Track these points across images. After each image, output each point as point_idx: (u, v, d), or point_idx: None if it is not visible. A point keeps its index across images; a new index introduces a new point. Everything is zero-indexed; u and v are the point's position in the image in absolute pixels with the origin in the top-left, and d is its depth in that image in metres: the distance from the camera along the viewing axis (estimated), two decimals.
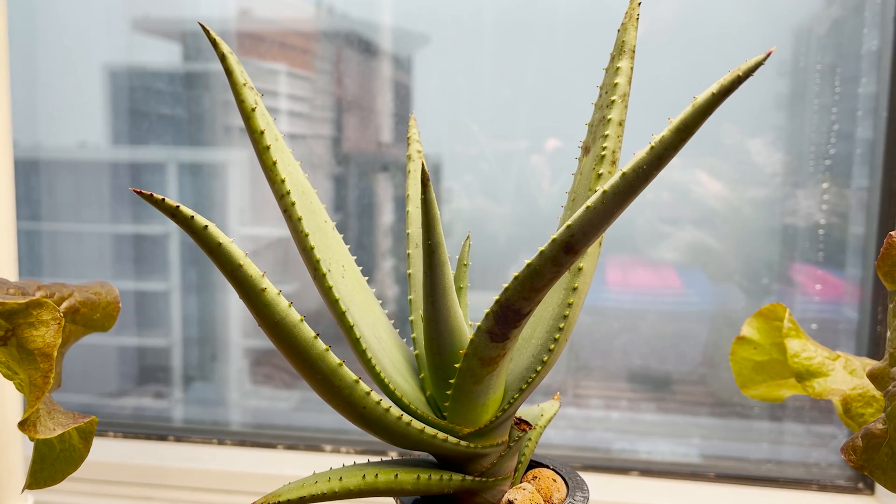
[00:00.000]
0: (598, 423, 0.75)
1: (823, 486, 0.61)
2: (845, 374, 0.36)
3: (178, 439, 0.67)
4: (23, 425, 0.23)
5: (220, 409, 0.83)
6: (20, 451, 0.54)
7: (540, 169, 0.79)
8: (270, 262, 0.90)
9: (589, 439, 0.74)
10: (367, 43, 0.83)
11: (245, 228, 0.88)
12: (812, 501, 0.59)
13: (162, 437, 0.67)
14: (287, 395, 0.84)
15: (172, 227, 0.89)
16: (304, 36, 0.86)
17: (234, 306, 0.87)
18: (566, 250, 0.25)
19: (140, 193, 0.26)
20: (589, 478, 0.62)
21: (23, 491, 0.26)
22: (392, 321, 0.33)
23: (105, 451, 0.65)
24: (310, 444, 0.66)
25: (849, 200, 0.66)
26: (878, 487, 0.59)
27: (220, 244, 0.25)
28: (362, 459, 0.60)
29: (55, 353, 0.24)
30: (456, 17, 0.80)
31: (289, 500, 0.27)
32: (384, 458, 0.30)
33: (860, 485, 0.60)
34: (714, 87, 0.24)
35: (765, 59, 0.23)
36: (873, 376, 0.29)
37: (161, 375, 0.85)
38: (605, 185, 0.24)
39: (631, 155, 0.25)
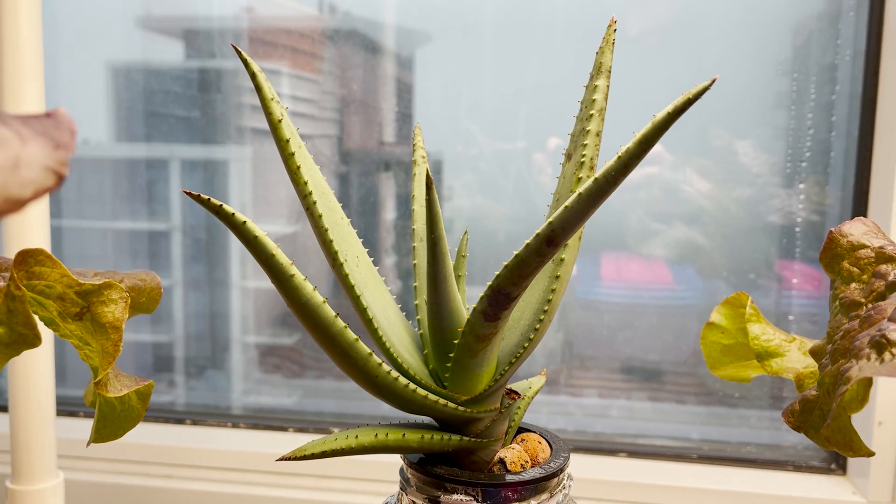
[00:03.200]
0: (591, 409, 0.80)
1: (798, 467, 0.66)
2: (799, 355, 0.41)
3: (195, 422, 0.72)
4: (97, 385, 0.29)
5: (232, 395, 0.89)
6: (53, 433, 0.59)
7: (537, 169, 0.84)
8: None
9: (581, 424, 0.79)
10: (370, 41, 0.87)
11: None
12: (788, 481, 0.65)
13: (179, 421, 0.73)
14: (296, 384, 0.89)
15: (175, 223, 0.94)
16: (306, 35, 0.90)
17: (236, 302, 0.92)
18: (548, 243, 0.30)
19: (189, 194, 0.31)
20: (580, 459, 0.68)
21: (88, 445, 0.31)
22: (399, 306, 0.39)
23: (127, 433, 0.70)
24: (318, 427, 0.71)
25: (827, 199, 0.72)
26: (850, 467, 0.64)
27: (256, 237, 0.31)
28: None
29: (122, 326, 0.29)
30: (457, 16, 0.84)
31: (312, 453, 0.32)
32: (393, 422, 0.35)
33: (833, 465, 0.65)
34: (669, 108, 0.29)
35: (710, 84, 0.28)
36: (813, 352, 0.34)
37: (174, 366, 0.90)
38: (581, 188, 0.30)
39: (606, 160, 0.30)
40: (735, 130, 0.78)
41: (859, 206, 0.64)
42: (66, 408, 0.74)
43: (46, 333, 0.61)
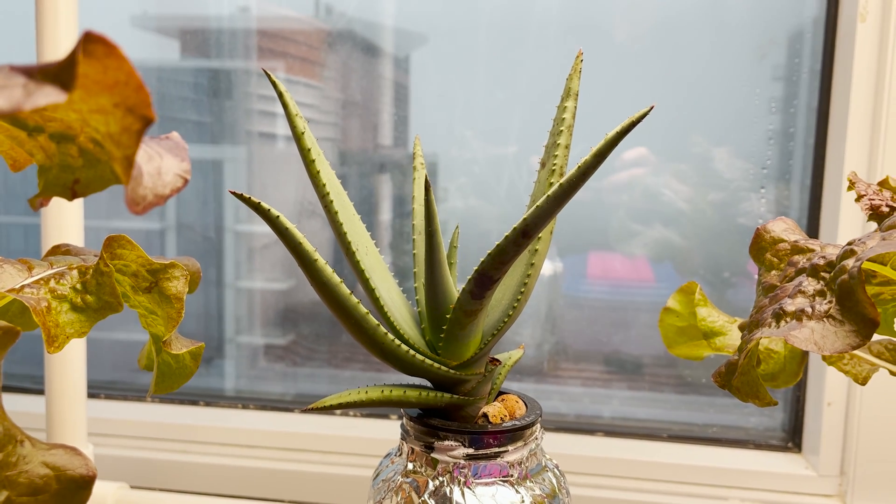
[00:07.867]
0: (575, 397, 0.89)
1: (758, 445, 0.75)
2: (739, 334, 0.50)
3: (208, 404, 0.81)
4: (164, 344, 0.37)
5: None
6: (84, 408, 0.68)
7: (528, 173, 0.93)
8: (270, 261, 1.01)
9: (565, 408, 0.88)
10: (368, 44, 0.94)
11: (240, 225, 1.00)
12: (748, 458, 0.74)
13: (193, 403, 0.81)
14: (299, 371, 0.97)
15: (170, 222, 1.02)
16: (305, 38, 0.96)
17: (230, 301, 0.99)
18: (523, 235, 0.39)
19: (233, 193, 0.40)
20: (561, 437, 0.76)
21: (148, 397, 0.40)
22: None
23: (146, 413, 0.79)
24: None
25: (790, 202, 0.81)
26: (805, 445, 0.73)
27: (287, 228, 0.39)
28: (368, 421, 0.74)
29: (184, 298, 0.38)
30: (452, 20, 0.92)
31: (332, 405, 0.41)
32: (395, 383, 0.44)
33: (789, 444, 0.74)
34: (618, 128, 0.37)
35: (649, 111, 0.37)
36: (741, 327, 0.43)
37: None
38: (549, 191, 0.38)
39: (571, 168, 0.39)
40: (711, 138, 0.87)
41: (814, 208, 0.73)
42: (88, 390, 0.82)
43: None
